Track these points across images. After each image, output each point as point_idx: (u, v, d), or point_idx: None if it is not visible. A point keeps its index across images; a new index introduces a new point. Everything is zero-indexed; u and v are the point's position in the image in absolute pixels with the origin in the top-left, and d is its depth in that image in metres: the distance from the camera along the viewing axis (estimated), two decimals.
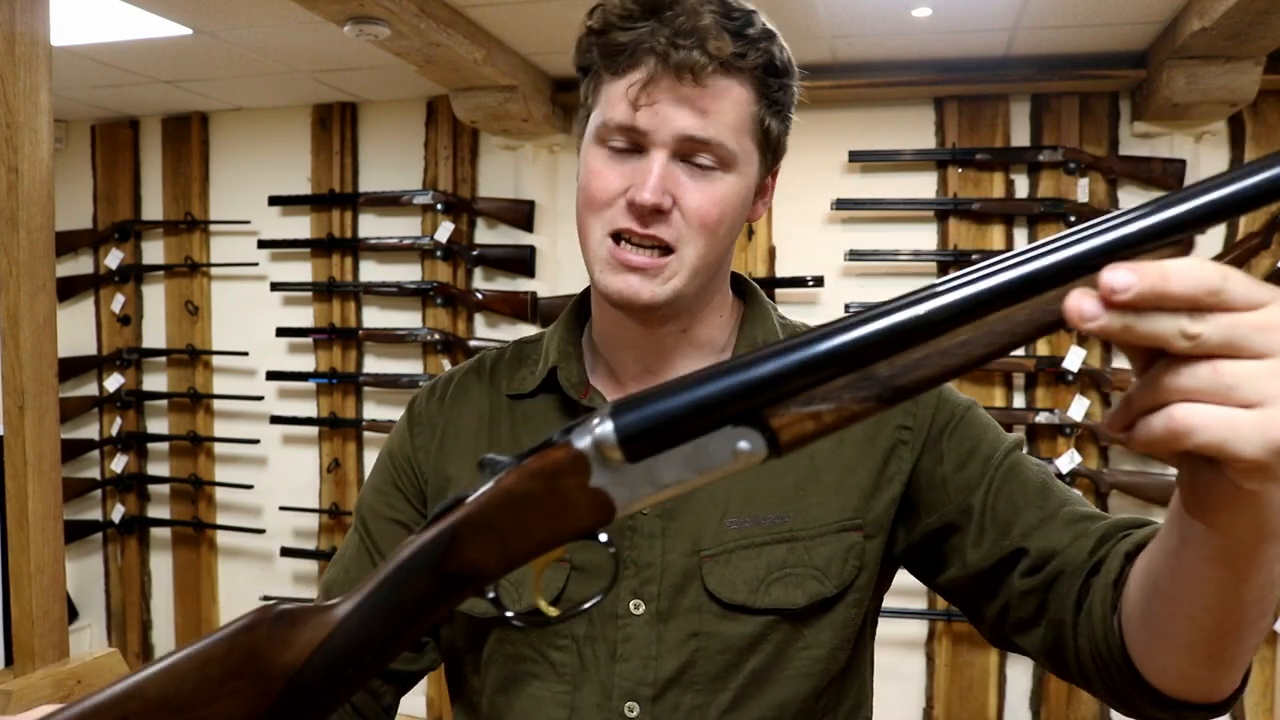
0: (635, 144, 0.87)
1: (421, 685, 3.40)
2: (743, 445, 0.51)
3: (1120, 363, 3.18)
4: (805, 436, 0.51)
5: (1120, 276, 0.46)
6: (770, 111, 0.90)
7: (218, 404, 3.87)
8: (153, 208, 3.93)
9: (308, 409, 3.76)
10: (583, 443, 0.52)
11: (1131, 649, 0.74)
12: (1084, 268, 0.48)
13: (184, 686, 0.55)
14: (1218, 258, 3.19)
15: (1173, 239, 0.47)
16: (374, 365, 3.73)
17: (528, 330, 3.42)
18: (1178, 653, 0.69)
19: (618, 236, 0.87)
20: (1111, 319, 0.47)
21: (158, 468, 3.97)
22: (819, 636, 0.90)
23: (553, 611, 0.61)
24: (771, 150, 0.93)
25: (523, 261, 3.49)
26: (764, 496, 0.90)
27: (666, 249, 0.87)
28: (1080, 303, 0.47)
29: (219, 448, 3.89)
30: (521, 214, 3.50)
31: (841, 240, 3.31)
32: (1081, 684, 0.82)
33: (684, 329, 0.94)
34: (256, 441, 3.77)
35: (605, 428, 0.51)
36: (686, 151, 0.86)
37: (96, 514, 4.00)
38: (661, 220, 0.86)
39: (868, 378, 0.50)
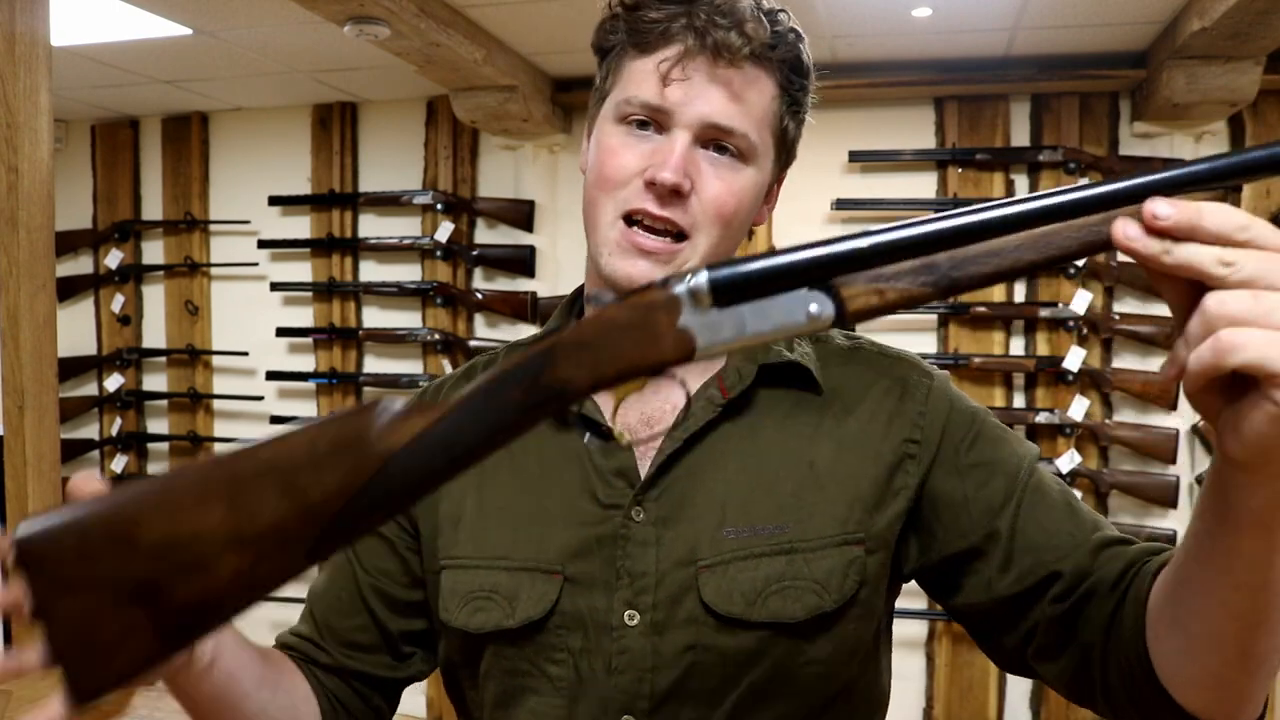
0: (657, 123, 0.85)
1: (421, 685, 3.39)
2: (814, 308, 0.58)
3: (1120, 363, 3.18)
4: (869, 309, 0.58)
5: (1161, 206, 0.54)
6: (789, 110, 0.89)
7: (218, 404, 3.87)
8: (153, 208, 3.93)
9: (308, 409, 3.76)
10: (679, 287, 0.59)
11: (1159, 664, 0.73)
12: (1131, 198, 0.55)
13: (294, 455, 0.61)
14: None
15: (1210, 187, 0.55)
16: (374, 365, 3.73)
17: (528, 330, 3.42)
18: (1208, 655, 0.69)
19: (630, 219, 0.85)
20: (1150, 242, 0.54)
21: (158, 468, 3.97)
22: (820, 652, 0.87)
23: (626, 437, 0.69)
24: (786, 151, 0.92)
25: (523, 261, 3.49)
26: (762, 505, 0.87)
27: (680, 235, 0.85)
28: (1125, 225, 0.54)
29: (219, 448, 3.89)
30: (521, 214, 3.50)
31: None
32: (1106, 709, 0.80)
33: None
34: None
35: (700, 276, 0.58)
36: (709, 138, 0.85)
37: None
38: (679, 204, 0.84)
39: (930, 265, 0.57)
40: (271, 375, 3.71)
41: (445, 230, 3.56)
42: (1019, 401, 3.26)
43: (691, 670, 0.85)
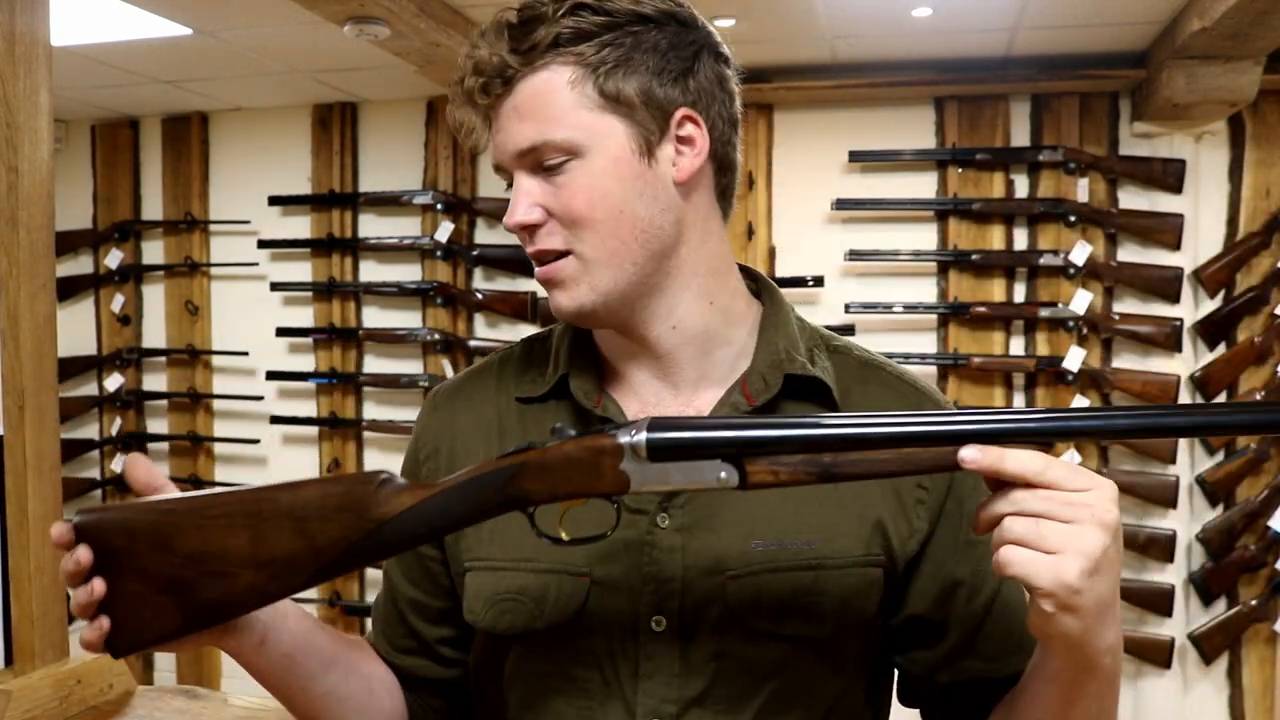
0: (511, 178, 0.89)
1: None
2: (723, 474, 0.75)
3: (1119, 363, 3.18)
4: (765, 483, 0.75)
5: (969, 453, 0.71)
6: (602, 74, 0.84)
7: (218, 404, 3.87)
8: (153, 208, 3.93)
9: (308, 409, 3.76)
10: (624, 439, 0.75)
11: None
12: (967, 438, 0.72)
13: (308, 505, 0.79)
14: (1218, 257, 3.17)
15: (1027, 441, 0.73)
16: (374, 365, 3.73)
17: (528, 330, 3.42)
18: None
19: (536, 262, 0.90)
20: (979, 463, 0.72)
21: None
22: (838, 664, 0.90)
23: (565, 536, 0.80)
24: (645, 105, 0.85)
25: (522, 261, 3.46)
26: (790, 520, 0.88)
27: (562, 254, 0.87)
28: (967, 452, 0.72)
29: (219, 448, 3.89)
30: None
31: (841, 240, 3.31)
32: None
33: (673, 326, 0.90)
34: (256, 441, 3.77)
35: (641, 436, 0.75)
36: (534, 163, 0.86)
37: None
38: (540, 232, 0.88)
39: (817, 460, 0.74)
40: (271, 375, 3.71)
41: (445, 230, 3.56)
42: (1019, 402, 3.26)
43: (717, 677, 0.87)
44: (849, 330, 3.25)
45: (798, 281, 3.29)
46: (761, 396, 0.90)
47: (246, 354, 3.77)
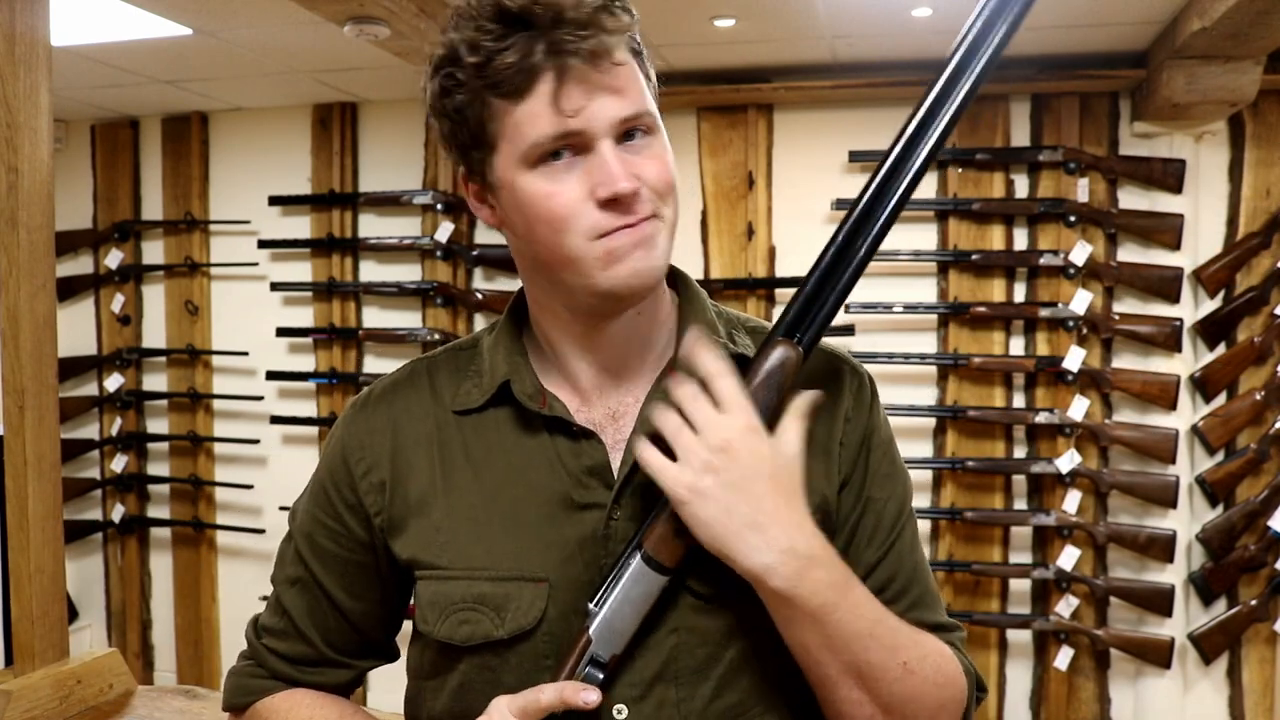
0: (574, 147, 0.85)
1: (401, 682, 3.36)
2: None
3: (1120, 363, 3.18)
4: None
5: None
6: (644, 61, 0.90)
7: (218, 404, 3.87)
8: (153, 208, 3.93)
9: (308, 409, 3.76)
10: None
11: None
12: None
13: None
14: (1218, 257, 3.17)
15: None
16: (374, 365, 3.72)
17: None
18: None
19: (606, 234, 0.86)
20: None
21: (158, 468, 3.97)
22: None
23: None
24: (656, 95, 0.93)
25: None
26: None
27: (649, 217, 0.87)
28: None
29: (219, 448, 3.89)
30: None
31: None
32: None
33: (639, 311, 0.93)
34: (256, 441, 3.77)
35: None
36: (622, 133, 0.85)
37: (96, 514, 4.00)
38: (636, 201, 0.85)
39: None
40: (271, 375, 3.71)
41: (445, 230, 3.56)
42: (1019, 401, 3.26)
43: (676, 652, 0.88)
44: (849, 330, 3.25)
45: (798, 281, 3.29)
46: None
47: (246, 354, 3.77)
